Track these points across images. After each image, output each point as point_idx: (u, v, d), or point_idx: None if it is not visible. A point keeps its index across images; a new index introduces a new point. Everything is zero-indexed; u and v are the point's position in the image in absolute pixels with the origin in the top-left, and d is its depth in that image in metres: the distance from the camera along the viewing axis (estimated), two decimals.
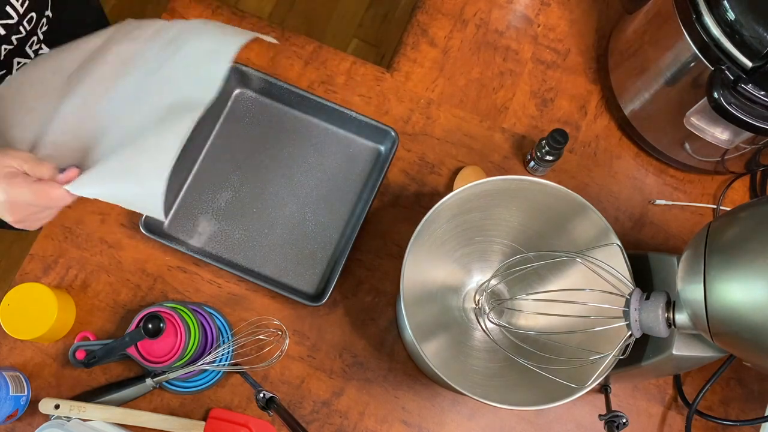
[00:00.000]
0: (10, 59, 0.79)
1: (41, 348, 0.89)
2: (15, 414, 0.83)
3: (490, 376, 0.83)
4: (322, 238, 0.92)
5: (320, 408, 0.89)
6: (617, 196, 0.97)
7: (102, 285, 0.91)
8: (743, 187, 0.98)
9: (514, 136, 0.98)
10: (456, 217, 0.82)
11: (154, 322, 0.79)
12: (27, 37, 0.80)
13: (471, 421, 0.89)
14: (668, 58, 0.83)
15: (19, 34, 0.79)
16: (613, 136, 1.00)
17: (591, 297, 0.73)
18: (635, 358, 0.75)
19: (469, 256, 0.89)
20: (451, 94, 1.00)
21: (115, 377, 0.88)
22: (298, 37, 1.01)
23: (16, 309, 0.84)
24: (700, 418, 0.89)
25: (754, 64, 0.73)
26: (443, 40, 1.02)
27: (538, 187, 0.76)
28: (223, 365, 0.85)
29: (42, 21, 0.82)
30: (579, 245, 0.80)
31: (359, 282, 0.92)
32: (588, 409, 0.90)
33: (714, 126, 0.84)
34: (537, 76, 1.01)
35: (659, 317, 0.66)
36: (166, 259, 0.92)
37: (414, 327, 0.73)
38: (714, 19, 0.75)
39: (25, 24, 0.78)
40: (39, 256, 0.91)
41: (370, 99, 0.99)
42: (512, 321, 0.88)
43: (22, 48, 0.80)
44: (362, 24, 2.02)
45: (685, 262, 0.65)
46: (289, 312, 0.91)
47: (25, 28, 0.79)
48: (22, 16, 0.77)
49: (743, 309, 0.59)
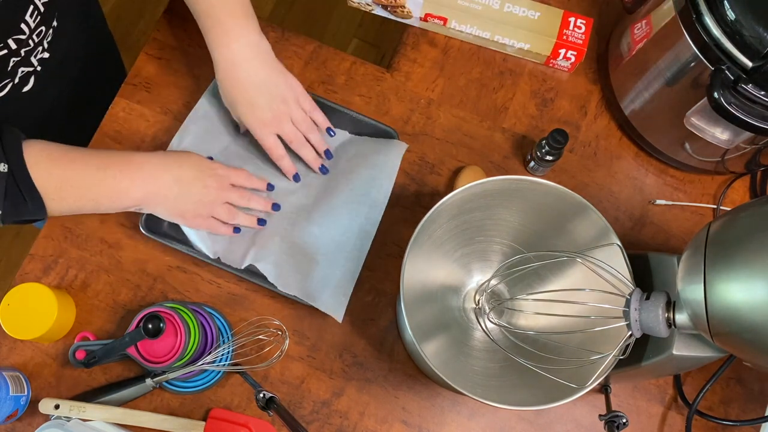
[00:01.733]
0: (15, 69, 0.80)
1: (41, 348, 0.89)
2: (15, 414, 0.83)
3: (490, 376, 0.83)
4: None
5: (320, 408, 0.89)
6: (617, 196, 0.97)
7: (102, 285, 0.91)
8: (743, 187, 0.99)
9: (514, 136, 0.98)
10: (456, 217, 0.82)
11: (154, 322, 0.79)
12: (33, 48, 0.80)
13: (471, 421, 0.89)
14: (668, 58, 0.83)
15: (28, 47, 0.79)
16: (613, 136, 1.00)
17: (591, 297, 0.73)
18: (635, 358, 0.75)
19: (469, 256, 0.89)
20: (451, 94, 1.00)
21: (115, 377, 0.88)
22: (298, 37, 1.01)
23: (16, 309, 0.84)
24: (700, 418, 0.89)
25: (754, 64, 0.73)
26: (443, 40, 1.02)
27: (538, 187, 0.76)
28: (223, 365, 0.85)
29: (49, 32, 0.82)
30: (579, 245, 0.80)
31: (359, 282, 0.92)
32: (588, 409, 0.90)
33: (714, 126, 0.84)
34: (537, 76, 1.01)
35: (659, 317, 0.66)
36: (166, 259, 0.92)
37: (414, 327, 0.73)
38: (714, 19, 0.75)
39: (34, 37, 0.79)
40: (39, 256, 0.91)
41: (370, 99, 0.99)
42: (512, 321, 0.88)
43: (27, 58, 0.81)
44: (362, 24, 2.02)
45: (685, 262, 0.65)
46: (289, 312, 0.91)
47: (33, 40, 0.79)
48: (32, 30, 0.78)
49: (743, 309, 0.59)
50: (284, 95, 0.87)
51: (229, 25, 0.83)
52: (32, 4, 0.75)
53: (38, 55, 0.83)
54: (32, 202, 0.73)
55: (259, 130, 0.88)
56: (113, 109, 0.96)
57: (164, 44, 1.00)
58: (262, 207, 0.90)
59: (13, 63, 0.78)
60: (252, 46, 0.84)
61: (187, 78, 0.98)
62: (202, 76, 0.98)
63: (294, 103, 0.88)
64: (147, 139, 0.96)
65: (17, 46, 0.76)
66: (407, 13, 1.00)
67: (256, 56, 0.85)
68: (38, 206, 0.74)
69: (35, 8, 0.76)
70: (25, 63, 0.81)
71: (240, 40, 0.83)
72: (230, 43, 0.83)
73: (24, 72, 0.82)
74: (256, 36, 0.85)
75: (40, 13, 0.77)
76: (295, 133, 0.89)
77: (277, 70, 0.87)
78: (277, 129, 0.88)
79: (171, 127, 0.96)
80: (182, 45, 1.00)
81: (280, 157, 0.90)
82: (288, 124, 0.88)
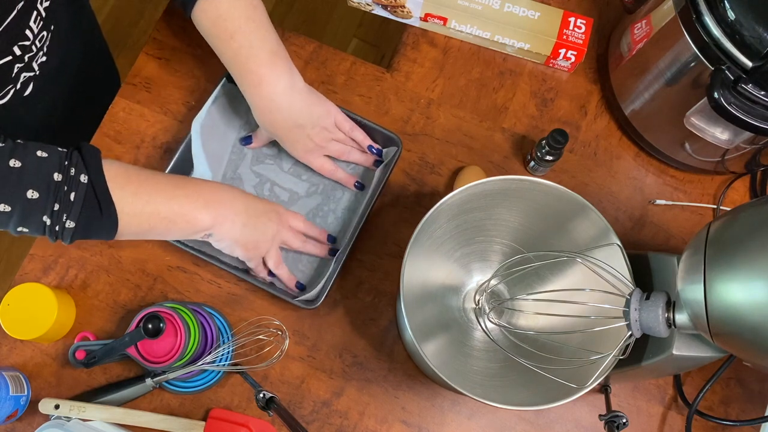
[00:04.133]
0: (18, 75, 0.80)
1: (41, 348, 0.89)
2: (15, 414, 0.83)
3: (490, 376, 0.83)
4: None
5: (320, 408, 0.89)
6: (617, 196, 0.97)
7: (102, 285, 0.91)
8: (743, 187, 0.99)
9: (514, 136, 0.98)
10: (456, 217, 0.82)
11: (154, 322, 0.79)
12: (36, 53, 0.80)
13: (471, 420, 0.89)
14: (668, 58, 0.83)
15: (31, 53, 0.79)
16: (613, 136, 1.00)
17: (591, 297, 0.73)
18: (635, 358, 0.75)
19: (469, 256, 0.89)
20: (451, 94, 1.00)
21: (115, 377, 0.88)
22: (298, 37, 1.01)
23: (16, 309, 0.84)
24: (700, 418, 0.89)
25: (754, 64, 0.73)
26: (443, 40, 1.02)
27: (538, 187, 0.76)
28: (223, 365, 0.85)
29: (48, 36, 0.82)
30: (579, 245, 0.80)
31: (359, 282, 0.92)
32: (588, 409, 0.90)
33: (714, 126, 0.84)
34: (537, 76, 1.01)
35: (659, 317, 0.66)
36: (166, 259, 0.92)
37: (414, 327, 0.73)
38: (714, 19, 0.75)
39: (37, 42, 0.79)
40: (39, 256, 0.91)
41: (370, 99, 0.99)
42: (512, 321, 0.88)
43: (30, 64, 0.81)
44: (362, 24, 2.02)
45: (685, 262, 0.65)
46: (289, 312, 0.91)
47: (36, 45, 0.79)
48: (36, 36, 0.77)
49: (743, 309, 0.59)
50: (324, 123, 0.88)
51: (260, 73, 0.82)
52: (35, 10, 0.75)
53: (38, 60, 0.83)
54: (108, 219, 0.70)
55: (305, 158, 0.90)
56: (113, 109, 0.96)
57: (164, 44, 1.00)
58: (318, 253, 0.91)
59: (17, 69, 0.78)
60: (286, 89, 0.84)
61: (187, 78, 0.98)
62: (202, 76, 0.98)
63: (333, 127, 0.90)
64: (147, 139, 0.96)
65: (21, 53, 0.76)
66: (407, 13, 1.00)
67: (291, 97, 0.84)
68: (112, 223, 0.71)
69: (38, 14, 0.75)
70: (27, 68, 0.81)
71: (272, 86, 0.83)
72: (262, 91, 0.83)
73: (26, 77, 0.82)
74: (287, 77, 0.84)
75: (43, 18, 0.77)
76: (341, 147, 0.92)
77: (313, 101, 0.87)
78: (324, 151, 0.90)
79: (171, 127, 0.96)
80: (182, 45, 1.00)
81: (333, 172, 0.92)
82: (332, 143, 0.91)
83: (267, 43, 0.82)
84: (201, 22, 0.81)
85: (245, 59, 0.81)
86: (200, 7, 0.80)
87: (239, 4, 0.80)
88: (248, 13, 0.81)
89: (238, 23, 0.80)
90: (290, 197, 0.93)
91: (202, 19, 0.81)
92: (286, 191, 0.94)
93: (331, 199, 0.93)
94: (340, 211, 0.93)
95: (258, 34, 0.82)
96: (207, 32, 0.82)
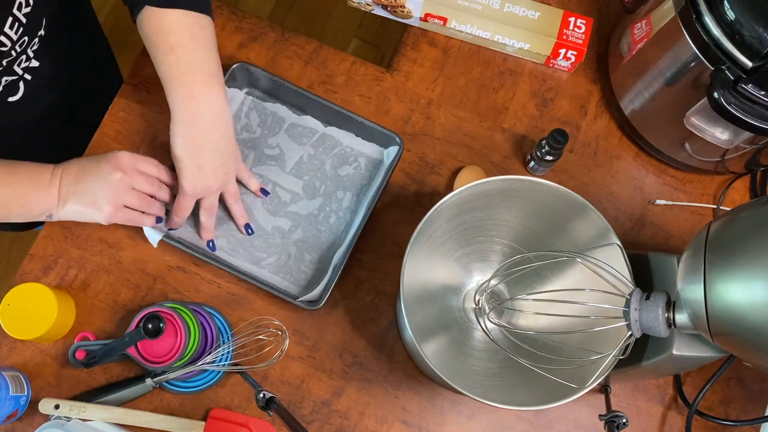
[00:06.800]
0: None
1: (41, 348, 0.89)
2: (15, 414, 0.83)
3: (490, 376, 0.84)
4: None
5: (320, 408, 0.89)
6: (617, 196, 0.97)
7: (102, 285, 0.91)
8: (743, 187, 0.99)
9: (514, 136, 0.98)
10: (456, 217, 0.82)
11: (154, 322, 0.79)
12: (16, 57, 0.80)
13: (471, 420, 0.89)
14: (668, 58, 0.83)
15: (10, 57, 0.78)
16: (613, 136, 1.00)
17: (591, 297, 0.73)
18: (635, 358, 0.75)
19: (469, 256, 0.89)
20: (451, 94, 1.00)
21: (115, 377, 0.88)
22: (298, 37, 1.01)
23: (16, 309, 0.84)
24: (700, 418, 0.89)
25: (754, 64, 0.73)
26: (443, 40, 1.02)
27: (538, 187, 0.76)
28: (223, 365, 0.85)
29: (34, 41, 0.81)
30: (579, 245, 0.80)
31: (359, 282, 0.92)
32: (588, 409, 0.90)
33: (714, 126, 0.84)
34: (537, 76, 1.01)
35: (659, 317, 0.66)
36: (166, 259, 0.92)
37: (414, 327, 0.73)
38: (714, 19, 0.75)
39: (17, 48, 0.78)
40: (39, 256, 0.91)
41: (370, 99, 0.99)
42: (512, 321, 0.88)
43: (10, 68, 0.80)
44: (362, 24, 2.02)
45: (685, 262, 0.65)
46: (289, 312, 0.91)
47: (16, 51, 0.78)
48: (15, 42, 0.77)
49: (743, 309, 0.59)
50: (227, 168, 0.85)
51: (193, 89, 0.79)
52: (11, 16, 0.74)
53: (22, 64, 0.82)
54: None
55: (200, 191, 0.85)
56: (113, 109, 0.96)
57: None
58: (166, 198, 0.86)
59: None
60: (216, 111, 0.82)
61: None
62: None
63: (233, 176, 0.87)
64: (147, 139, 0.96)
65: None
66: (407, 13, 1.00)
67: (215, 122, 0.82)
68: None
69: (15, 20, 0.75)
70: (8, 73, 0.81)
71: (204, 103, 0.80)
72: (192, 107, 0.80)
73: (8, 81, 0.81)
74: (221, 99, 0.82)
75: (22, 24, 0.76)
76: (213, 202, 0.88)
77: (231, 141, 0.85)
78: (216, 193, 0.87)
79: None
80: None
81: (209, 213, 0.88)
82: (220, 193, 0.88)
83: (207, 64, 0.80)
84: (144, 29, 0.79)
85: (180, 74, 0.79)
86: (146, 14, 0.78)
87: (186, 20, 0.78)
88: (194, 31, 0.79)
89: (181, 38, 0.78)
90: (292, 198, 0.93)
91: (145, 27, 0.79)
92: (288, 192, 0.94)
93: (332, 200, 0.93)
94: (342, 212, 0.93)
95: (199, 54, 0.79)
96: (148, 40, 0.80)
